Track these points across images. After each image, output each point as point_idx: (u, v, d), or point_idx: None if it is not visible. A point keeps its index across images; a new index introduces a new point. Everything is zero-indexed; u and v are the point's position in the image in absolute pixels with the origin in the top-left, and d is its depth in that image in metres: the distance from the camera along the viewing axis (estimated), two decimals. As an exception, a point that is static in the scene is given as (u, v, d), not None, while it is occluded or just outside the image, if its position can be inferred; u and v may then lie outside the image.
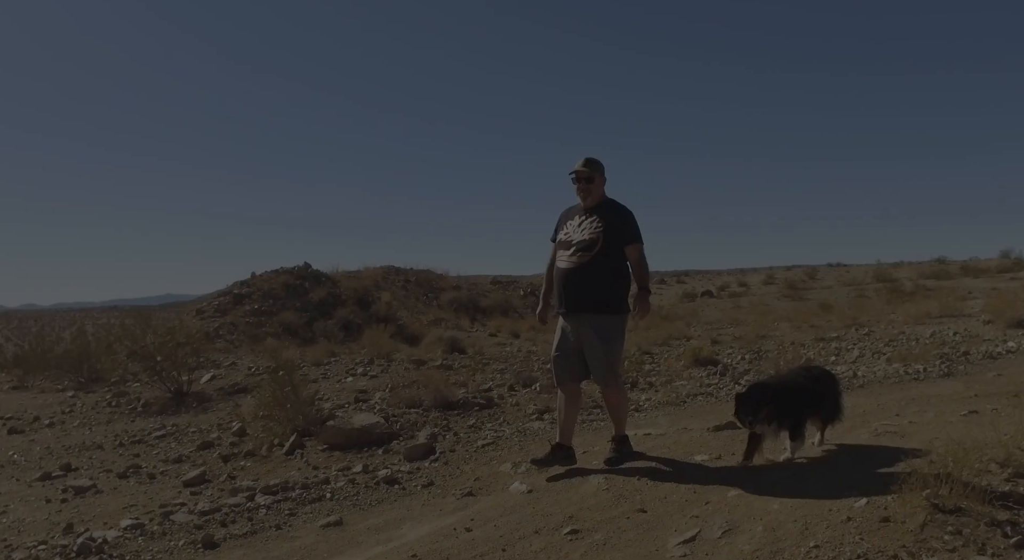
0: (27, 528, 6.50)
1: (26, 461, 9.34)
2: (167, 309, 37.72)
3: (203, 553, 5.47)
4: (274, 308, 21.81)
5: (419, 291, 28.24)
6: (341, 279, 24.95)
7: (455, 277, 32.00)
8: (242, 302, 22.16)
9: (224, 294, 23.01)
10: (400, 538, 5.32)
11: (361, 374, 12.33)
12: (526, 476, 6.20)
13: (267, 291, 22.79)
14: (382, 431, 8.00)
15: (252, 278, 23.93)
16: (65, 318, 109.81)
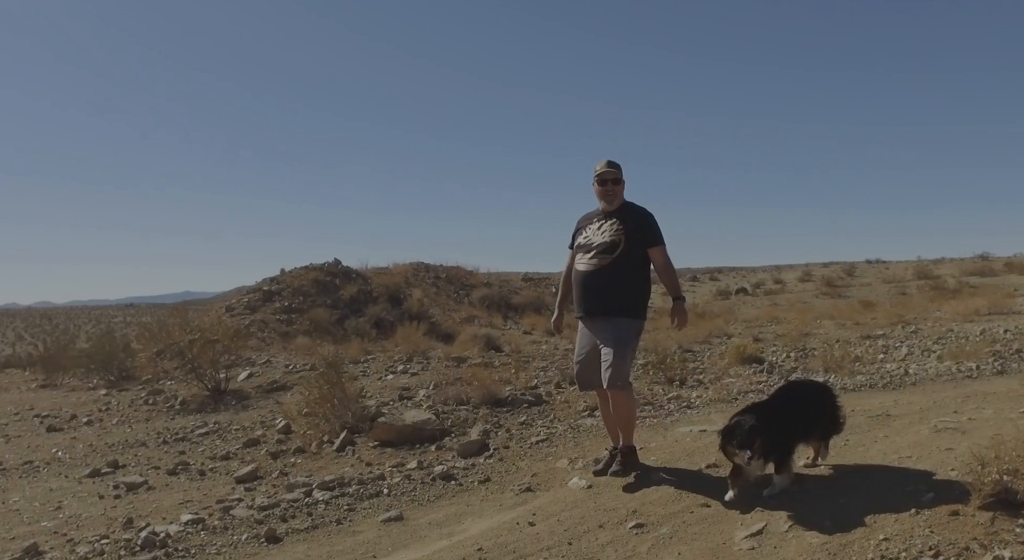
0: (84, 523, 6.74)
1: (71, 458, 9.62)
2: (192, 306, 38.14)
3: (267, 547, 5.67)
4: (304, 305, 22.06)
5: (450, 288, 28.46)
6: (372, 276, 25.21)
7: (485, 274, 32.23)
8: (272, 299, 22.44)
9: (253, 291, 23.30)
10: (462, 532, 5.51)
11: (401, 372, 12.54)
12: (584, 472, 6.37)
13: (297, 288, 23.07)
14: (433, 428, 8.20)
15: (282, 275, 24.23)
16: (81, 315, 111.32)
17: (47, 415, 12.93)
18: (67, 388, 17.25)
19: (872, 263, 60.86)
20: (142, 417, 12.09)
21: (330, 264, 24.83)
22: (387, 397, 10.32)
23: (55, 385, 18.08)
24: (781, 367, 11.36)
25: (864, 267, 57.67)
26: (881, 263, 59.51)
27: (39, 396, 16.05)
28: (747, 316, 24.26)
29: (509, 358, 13.47)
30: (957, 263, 41.98)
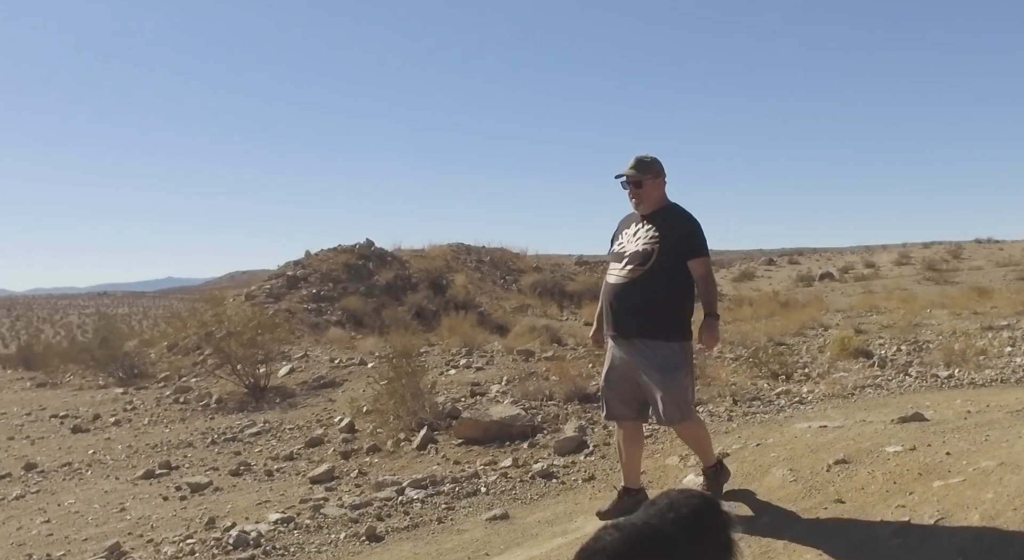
0: (158, 524, 7.42)
1: (113, 460, 10.37)
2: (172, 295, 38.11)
3: (369, 546, 6.30)
4: (335, 293, 22.68)
5: (495, 273, 29.01)
6: (408, 259, 25.82)
7: (534, 257, 32.80)
8: (297, 286, 23.08)
9: (276, 276, 23.96)
10: (576, 531, 6.09)
11: (464, 366, 13.15)
12: (697, 469, 6.94)
13: (325, 273, 23.70)
14: (523, 424, 8.81)
15: (307, 258, 24.88)
16: (46, 305, 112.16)
17: (64, 415, 13.74)
18: (71, 387, 18.15)
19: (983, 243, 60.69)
20: (176, 417, 12.81)
21: (362, 246, 25.41)
22: (457, 393, 10.92)
23: (55, 384, 18.96)
24: (893, 361, 11.83)
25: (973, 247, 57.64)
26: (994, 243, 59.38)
27: (44, 396, 16.91)
28: (840, 305, 24.59)
29: (581, 351, 14.02)
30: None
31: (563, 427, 8.81)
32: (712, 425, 8.51)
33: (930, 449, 6.43)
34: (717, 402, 9.56)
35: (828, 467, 6.40)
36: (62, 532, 7.48)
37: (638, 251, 5.74)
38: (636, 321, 5.73)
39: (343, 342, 18.59)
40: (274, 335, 15.05)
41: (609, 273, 5.93)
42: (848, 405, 9.12)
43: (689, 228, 5.80)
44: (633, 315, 5.73)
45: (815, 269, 55.09)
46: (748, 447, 7.35)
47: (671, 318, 5.72)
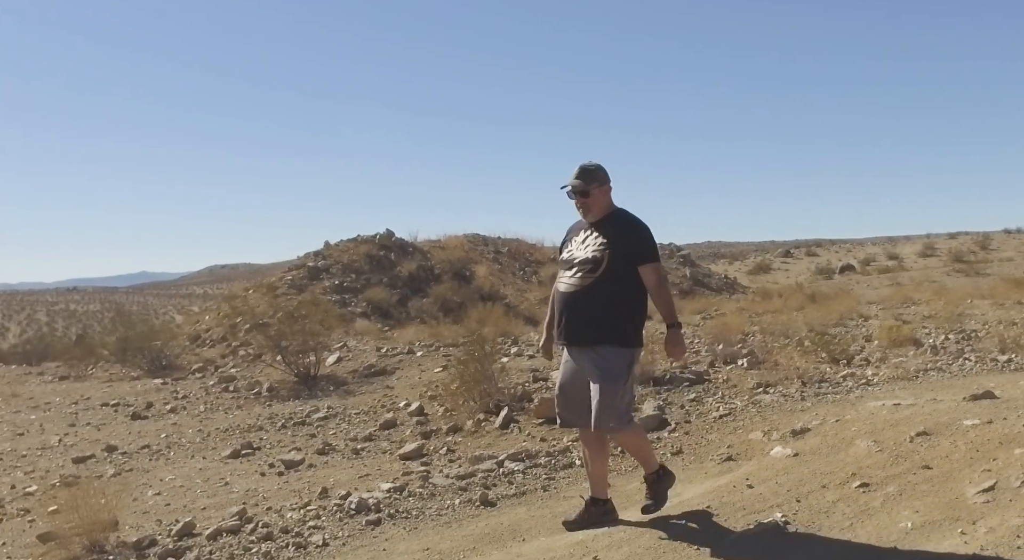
0: (268, 496, 8.33)
1: (189, 442, 11.31)
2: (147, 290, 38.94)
3: (485, 510, 7.22)
4: (358, 284, 23.64)
5: (514, 265, 29.91)
6: (430, 250, 26.75)
7: (551, 248, 33.66)
8: (319, 277, 24.03)
9: (297, 267, 24.92)
10: (678, 496, 6.98)
11: (516, 354, 14.07)
12: (783, 442, 7.88)
13: (347, 264, 24.66)
14: (602, 404, 9.75)
15: (327, 248, 25.83)
16: (11, 301, 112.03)
17: (115, 404, 14.70)
18: (98, 379, 19.07)
19: (1012, 233, 61.67)
20: (231, 405, 13.76)
21: (382, 236, 26.33)
22: (519, 378, 11.84)
23: (79, 377, 19.88)
24: (945, 349, 12.75)
25: (1002, 238, 58.65)
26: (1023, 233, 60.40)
27: (76, 388, 17.84)
28: (870, 298, 25.39)
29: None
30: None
31: (641, 406, 9.73)
32: (787, 405, 9.47)
33: (1006, 422, 7.35)
34: (786, 384, 10.49)
35: (910, 439, 7.31)
36: (178, 502, 8.39)
37: (587, 258, 5.90)
38: (586, 329, 5.90)
39: (374, 333, 19.51)
40: (324, 325, 15.94)
41: (559, 281, 6.11)
42: (914, 386, 10.06)
43: (638, 234, 5.97)
44: (583, 323, 5.90)
45: (834, 261, 56.15)
46: (827, 423, 8.28)
47: (621, 325, 5.90)
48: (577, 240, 6.09)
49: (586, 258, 5.91)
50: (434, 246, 27.99)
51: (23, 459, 11.09)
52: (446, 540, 6.48)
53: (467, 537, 6.51)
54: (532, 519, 6.86)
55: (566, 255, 6.12)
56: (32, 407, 15.59)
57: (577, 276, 5.93)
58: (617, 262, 5.84)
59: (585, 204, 6.00)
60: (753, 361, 11.61)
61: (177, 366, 19.43)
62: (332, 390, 13.93)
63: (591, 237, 5.98)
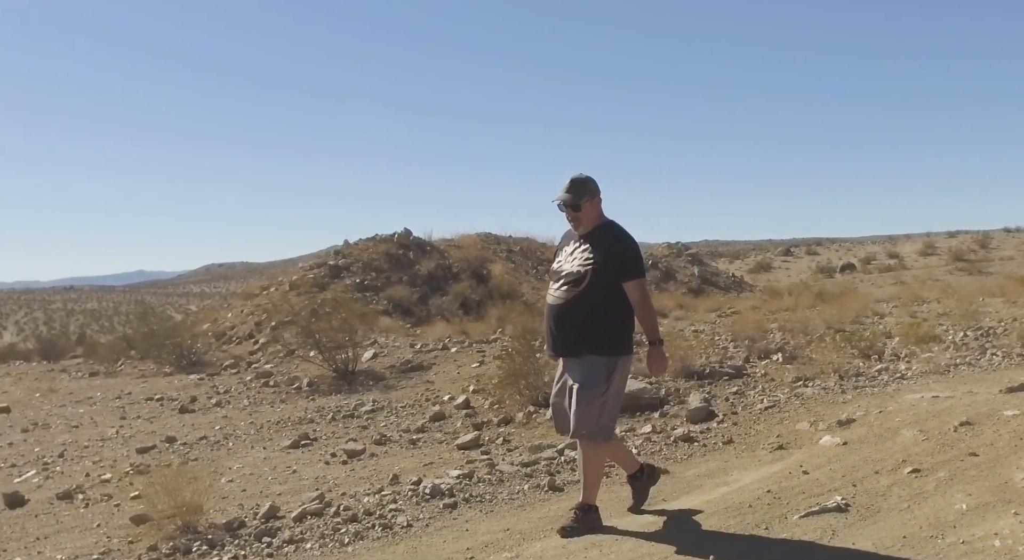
0: (339, 482, 8.74)
1: (244, 433, 11.73)
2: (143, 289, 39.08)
3: (553, 494, 7.64)
4: (378, 282, 24.05)
5: (526, 263, 30.32)
6: (446, 249, 27.17)
7: (560, 247, 34.04)
8: (340, 275, 24.44)
9: (318, 266, 25.35)
10: (736, 482, 7.43)
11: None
12: (830, 432, 8.33)
13: (367, 262, 25.08)
14: (651, 396, 10.20)
15: (347, 247, 26.27)
16: (8, 301, 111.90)
17: (160, 398, 15.16)
18: (129, 375, 19.52)
19: (1012, 232, 62.06)
20: (275, 399, 14.22)
21: (400, 235, 26.75)
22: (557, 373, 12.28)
23: (108, 373, 20.34)
24: (966, 346, 13.20)
25: (1002, 237, 59.05)
26: (1023, 231, 60.80)
27: (111, 384, 18.33)
28: (877, 296, 25.78)
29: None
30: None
31: (688, 399, 10.18)
32: (828, 397, 9.95)
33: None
34: (824, 378, 10.96)
35: (954, 428, 7.76)
36: (253, 488, 8.80)
37: (573, 272, 6.02)
38: (571, 341, 6.05)
39: (399, 330, 19.95)
40: (365, 322, 16.40)
41: (548, 293, 6.26)
42: (948, 380, 10.51)
43: (624, 250, 6.06)
44: (569, 335, 6.05)
45: (835, 260, 56.52)
46: (871, 414, 8.74)
47: (605, 334, 5.99)
48: (567, 250, 6.22)
49: (572, 271, 6.03)
50: (449, 245, 28.37)
51: (86, 450, 11.52)
52: (523, 521, 6.89)
53: (542, 519, 6.92)
54: (600, 502, 7.27)
55: (556, 266, 6.27)
56: (75, 402, 16.05)
57: (563, 289, 6.06)
58: (601, 276, 5.93)
59: (576, 217, 6.11)
60: (788, 356, 12.08)
61: (206, 362, 19.89)
62: (372, 385, 14.39)
63: (579, 250, 6.09)
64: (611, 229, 6.16)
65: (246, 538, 7.14)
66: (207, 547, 6.96)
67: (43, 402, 16.47)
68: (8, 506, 8.94)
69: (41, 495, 9.31)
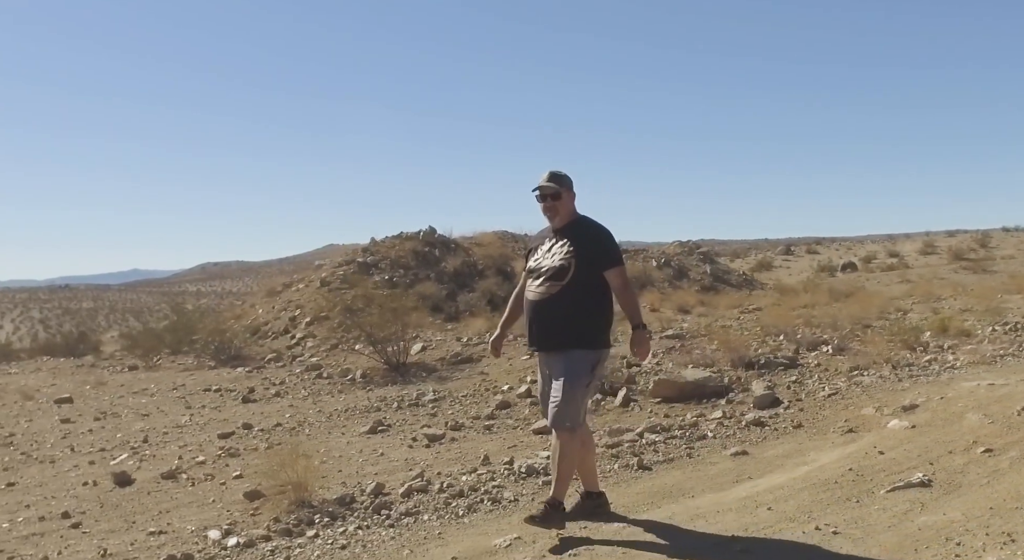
0: (431, 463, 9.20)
1: (316, 421, 12.20)
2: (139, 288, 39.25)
3: (643, 473, 8.14)
4: (407, 279, 24.47)
5: (543, 261, 30.75)
6: (470, 246, 27.61)
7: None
8: (369, 272, 24.86)
9: (347, 263, 25.77)
10: (815, 462, 7.92)
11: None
12: (896, 416, 8.85)
13: (395, 260, 25.52)
14: (715, 385, 10.73)
15: (374, 244, 26.70)
16: (3, 300, 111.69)
17: (217, 389, 15.65)
18: (171, 369, 20.02)
19: (1010, 231, 62.51)
20: (332, 389, 14.75)
21: (426, 233, 27.17)
22: (613, 365, 12.78)
23: (149, 367, 20.85)
24: (998, 339, 13.74)
25: (1000, 236, 59.51)
26: (1021, 231, 61.22)
27: (157, 377, 18.85)
28: (889, 294, 26.24)
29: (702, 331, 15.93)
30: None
31: (751, 387, 10.72)
32: (886, 385, 10.51)
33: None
34: (878, 367, 11.52)
35: (1017, 412, 8.29)
36: (348, 469, 9.26)
37: (554, 266, 6.07)
38: (556, 335, 6.10)
39: (431, 326, 20.42)
40: (415, 317, 16.92)
41: (527, 290, 6.29)
42: (997, 369, 11.07)
43: (603, 239, 6.19)
44: (553, 329, 6.11)
45: (835, 259, 56.83)
46: (932, 400, 9.28)
47: (588, 328, 6.08)
48: (543, 249, 6.26)
49: (553, 266, 6.07)
50: (471, 243, 28.78)
51: (166, 436, 12.00)
52: (623, 496, 7.37)
53: (640, 494, 7.42)
54: (690, 480, 7.78)
55: (533, 264, 6.30)
56: (131, 393, 16.56)
57: (544, 284, 6.10)
58: (583, 268, 6.02)
59: (554, 207, 6.18)
60: (836, 348, 12.64)
61: (245, 357, 20.39)
62: (425, 376, 14.88)
63: (557, 245, 6.16)
64: (586, 221, 6.30)
65: (363, 511, 7.62)
66: (328, 519, 7.44)
67: (99, 394, 16.96)
68: (118, 484, 9.43)
69: (144, 475, 9.78)
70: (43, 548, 7.48)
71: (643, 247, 39.17)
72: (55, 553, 7.31)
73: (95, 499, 8.98)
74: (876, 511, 6.30)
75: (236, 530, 7.40)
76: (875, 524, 6.03)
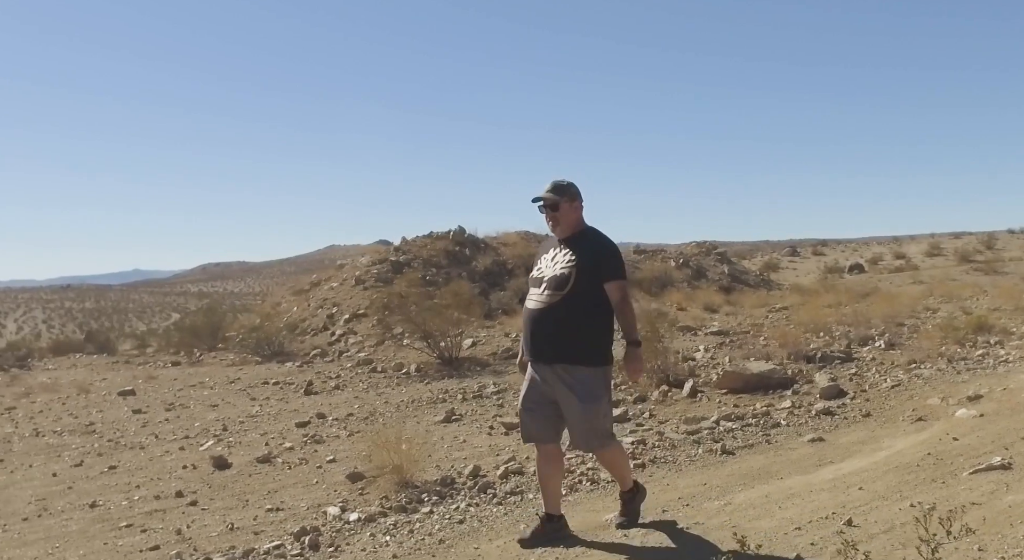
0: (513, 449, 9.60)
1: (385, 411, 12.61)
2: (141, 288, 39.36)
3: (727, 457, 8.56)
4: (439, 277, 24.90)
5: (563, 261, 31.18)
6: (499, 245, 28.04)
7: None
8: (402, 270, 25.32)
9: (379, 261, 26.23)
10: (890, 447, 8.34)
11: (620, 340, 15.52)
12: (962, 406, 9.29)
13: (427, 259, 25.99)
14: (780, 377, 11.17)
15: (405, 244, 27.19)
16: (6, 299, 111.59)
17: (275, 383, 16.11)
18: (217, 364, 20.44)
19: (1016, 233, 62.79)
20: (390, 383, 15.19)
21: (455, 233, 27.61)
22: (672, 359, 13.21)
23: (192, 362, 21.30)
24: (1038, 338, 14.22)
25: (1006, 238, 59.84)
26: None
27: (206, 372, 19.22)
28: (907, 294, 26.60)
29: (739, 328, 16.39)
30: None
31: (814, 379, 11.17)
32: (946, 377, 10.98)
33: None
34: (934, 361, 12.01)
35: (1078, 401, 8.75)
36: (437, 454, 9.61)
37: (556, 276, 5.91)
38: (555, 347, 5.91)
39: (469, 324, 20.82)
40: (469, 312, 17.39)
41: (528, 299, 6.12)
42: (1049, 364, 11.57)
43: (605, 252, 6.00)
44: (552, 341, 5.91)
45: (841, 260, 57.13)
46: (995, 391, 9.73)
47: (591, 343, 5.92)
48: (547, 257, 6.12)
49: (555, 275, 5.92)
50: (498, 243, 29.16)
51: (243, 425, 12.41)
52: (714, 478, 7.79)
53: (730, 475, 7.83)
54: (774, 463, 8.20)
55: (536, 273, 6.15)
56: (188, 387, 16.96)
57: (545, 294, 5.94)
58: (584, 279, 5.85)
59: (555, 217, 6.03)
60: (888, 343, 13.12)
61: (287, 352, 20.83)
62: (480, 370, 15.34)
63: (560, 254, 6.02)
64: (591, 234, 6.12)
65: (467, 491, 8.05)
66: (437, 497, 7.88)
67: (155, 387, 17.35)
68: (217, 468, 9.86)
69: (239, 459, 10.21)
70: (170, 522, 7.93)
71: (659, 248, 39.54)
72: (184, 526, 7.75)
73: (200, 480, 9.41)
74: (963, 490, 6.67)
75: (350, 507, 7.82)
76: (965, 502, 6.39)
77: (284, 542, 7.03)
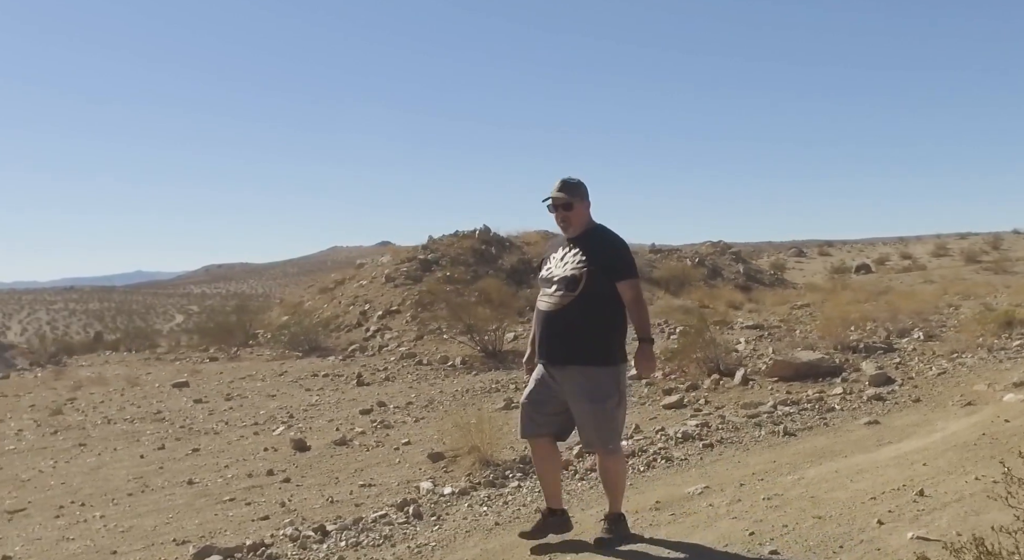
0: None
1: (443, 399, 13.07)
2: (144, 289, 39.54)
3: (790, 438, 8.99)
4: (467, 275, 25.35)
5: (582, 260, 31.62)
6: (523, 244, 28.49)
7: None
8: (431, 268, 25.80)
9: (408, 260, 26.68)
10: (944, 429, 8.75)
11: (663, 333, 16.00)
12: (1009, 391, 9.73)
13: (455, 257, 26.44)
14: (828, 365, 11.64)
15: (433, 242, 27.64)
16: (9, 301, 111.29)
17: (326, 375, 16.58)
18: (258, 359, 20.91)
19: (1022, 234, 63.05)
20: (437, 375, 15.68)
21: (481, 232, 28.07)
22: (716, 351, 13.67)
23: (231, 357, 21.78)
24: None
25: (1012, 238, 60.15)
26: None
27: (248, 366, 19.66)
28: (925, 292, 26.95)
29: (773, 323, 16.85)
30: None
31: (861, 367, 11.65)
32: (989, 365, 11.44)
33: None
34: (974, 350, 12.49)
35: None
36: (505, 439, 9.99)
37: (566, 276, 5.78)
38: (567, 347, 5.78)
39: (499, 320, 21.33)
40: (510, 307, 17.87)
41: (539, 299, 5.98)
42: (1079, 355, 12.04)
43: (616, 250, 5.89)
44: (564, 341, 5.79)
45: (848, 261, 57.39)
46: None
47: (603, 343, 5.79)
48: (556, 257, 5.98)
49: (565, 276, 5.78)
50: (521, 241, 29.57)
51: (307, 413, 12.91)
52: (782, 456, 8.22)
53: (796, 454, 8.26)
54: (836, 443, 8.63)
55: (545, 273, 6.03)
56: (239, 379, 17.45)
57: (557, 294, 5.80)
58: (596, 279, 5.73)
59: (567, 217, 5.88)
60: (927, 334, 13.63)
61: (323, 347, 21.30)
62: (519, 363, 15.78)
63: (570, 254, 5.87)
64: (601, 232, 5.99)
65: (552, 471, 8.49)
66: (521, 474, 8.33)
67: (204, 380, 17.82)
68: (298, 450, 10.34)
69: (316, 443, 10.68)
70: (270, 497, 8.40)
71: (674, 248, 39.92)
72: (285, 500, 8.21)
73: (286, 461, 9.89)
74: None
75: (440, 483, 8.27)
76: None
77: (388, 512, 7.47)
